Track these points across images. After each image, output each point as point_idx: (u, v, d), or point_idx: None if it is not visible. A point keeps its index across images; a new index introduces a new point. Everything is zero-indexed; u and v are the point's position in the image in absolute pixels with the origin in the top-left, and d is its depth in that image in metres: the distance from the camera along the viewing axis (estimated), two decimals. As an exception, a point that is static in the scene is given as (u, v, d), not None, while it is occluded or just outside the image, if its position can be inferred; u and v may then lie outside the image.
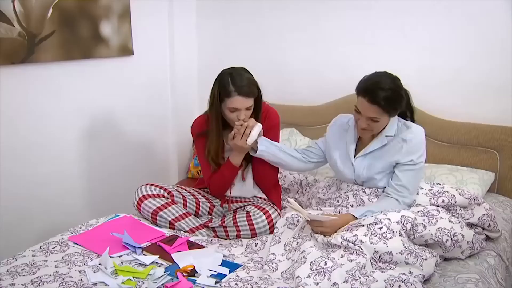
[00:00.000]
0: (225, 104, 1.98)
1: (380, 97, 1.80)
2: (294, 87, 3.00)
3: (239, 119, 1.98)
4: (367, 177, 1.98)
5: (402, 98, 1.88)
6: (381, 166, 1.95)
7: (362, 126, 1.89)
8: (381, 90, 1.80)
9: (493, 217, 1.93)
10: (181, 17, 3.15)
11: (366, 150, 1.99)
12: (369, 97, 1.82)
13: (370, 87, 1.83)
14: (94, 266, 1.74)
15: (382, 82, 1.83)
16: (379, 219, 1.72)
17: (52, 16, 2.38)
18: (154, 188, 2.14)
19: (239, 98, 1.95)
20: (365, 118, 1.87)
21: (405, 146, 1.90)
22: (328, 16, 2.83)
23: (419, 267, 1.64)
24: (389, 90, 1.82)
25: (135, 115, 2.99)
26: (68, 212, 2.65)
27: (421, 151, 1.92)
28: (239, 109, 1.97)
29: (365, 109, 1.85)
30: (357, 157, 2.01)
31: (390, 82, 1.84)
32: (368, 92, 1.82)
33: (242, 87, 1.94)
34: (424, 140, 1.95)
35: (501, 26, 2.37)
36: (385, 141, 1.95)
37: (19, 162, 2.38)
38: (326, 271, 1.59)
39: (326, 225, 1.81)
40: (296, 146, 2.77)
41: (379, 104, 1.81)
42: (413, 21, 2.59)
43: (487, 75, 2.46)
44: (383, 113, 1.84)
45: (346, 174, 2.04)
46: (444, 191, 1.92)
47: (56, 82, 2.50)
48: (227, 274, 1.71)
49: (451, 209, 1.90)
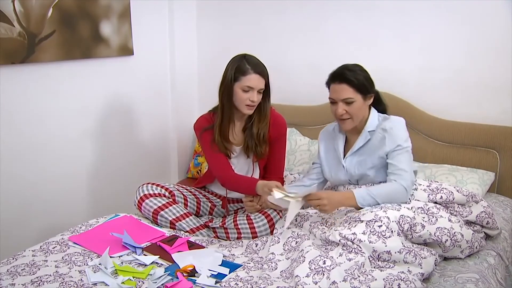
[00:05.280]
0: (240, 83, 2.01)
1: (347, 74, 1.92)
2: (294, 87, 3.00)
3: (251, 100, 2.00)
4: (360, 175, 2.00)
5: (369, 77, 1.97)
6: (370, 161, 1.97)
7: (340, 113, 1.93)
8: (347, 70, 1.94)
9: (491, 214, 1.93)
10: (181, 17, 3.15)
11: (353, 149, 2.02)
12: (338, 79, 1.93)
13: (337, 71, 1.97)
14: (94, 266, 1.74)
15: (347, 65, 1.97)
16: (379, 217, 1.72)
17: (52, 16, 2.38)
18: (155, 187, 2.14)
19: (255, 76, 2.00)
20: (340, 103, 1.93)
21: (387, 135, 1.93)
22: (328, 16, 2.83)
23: (418, 266, 1.64)
24: (355, 69, 1.95)
25: (135, 115, 2.99)
26: (68, 212, 2.65)
27: (405, 136, 1.95)
28: (253, 89, 2.00)
29: (337, 92, 1.93)
30: (346, 158, 2.04)
31: (353, 64, 1.98)
32: (336, 75, 1.95)
33: (257, 65, 2.02)
34: (404, 126, 1.97)
35: (501, 26, 2.37)
36: (368, 136, 1.99)
37: (19, 162, 2.38)
38: (325, 270, 1.60)
39: (323, 196, 1.82)
40: (296, 146, 2.77)
41: (349, 81, 1.91)
42: (413, 21, 2.59)
43: (487, 75, 2.46)
44: (355, 92, 1.92)
45: (339, 177, 2.06)
46: (442, 188, 1.92)
47: (56, 82, 2.50)
48: (227, 274, 1.71)
49: (449, 206, 1.89)
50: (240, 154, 2.17)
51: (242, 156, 2.17)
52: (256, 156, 2.14)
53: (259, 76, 2.01)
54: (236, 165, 2.19)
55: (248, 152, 2.14)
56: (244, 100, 2.01)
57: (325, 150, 2.15)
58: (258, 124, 2.10)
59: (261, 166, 2.20)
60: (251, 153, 2.14)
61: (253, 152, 2.13)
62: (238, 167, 2.19)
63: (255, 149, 2.11)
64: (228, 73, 2.04)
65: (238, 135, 2.16)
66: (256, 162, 2.18)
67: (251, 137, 2.11)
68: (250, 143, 2.11)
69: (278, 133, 2.16)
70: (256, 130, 2.09)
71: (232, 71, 2.02)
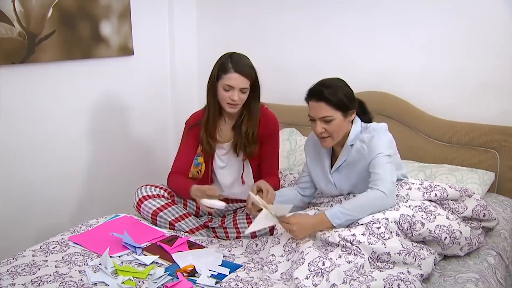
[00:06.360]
0: (221, 82, 1.99)
1: (325, 92, 1.83)
2: (294, 87, 2.98)
3: (231, 99, 1.98)
4: (350, 188, 1.96)
5: (350, 93, 1.89)
6: (357, 174, 1.92)
7: (319, 131, 1.87)
8: (324, 87, 1.85)
9: (485, 206, 1.92)
10: (181, 17, 3.15)
11: (337, 164, 1.97)
12: (315, 97, 1.85)
13: (314, 88, 1.88)
14: (94, 266, 1.74)
15: (325, 81, 1.89)
16: (377, 219, 1.72)
17: (52, 16, 2.38)
18: (154, 188, 2.14)
19: (235, 75, 1.97)
20: (319, 121, 1.86)
21: (365, 146, 1.88)
22: (328, 16, 2.83)
23: (417, 267, 1.64)
24: (334, 85, 1.86)
25: (135, 115, 2.99)
26: (68, 212, 2.65)
27: (386, 143, 1.87)
28: (234, 88, 1.98)
29: (315, 110, 1.86)
30: (332, 173, 1.99)
31: (333, 80, 1.90)
32: (313, 93, 1.87)
33: (239, 65, 1.99)
34: (385, 132, 1.90)
35: (501, 26, 2.37)
36: (350, 149, 1.93)
37: (19, 162, 2.38)
38: (324, 271, 1.59)
39: (292, 222, 1.75)
40: (296, 146, 2.77)
41: (326, 100, 1.83)
42: (413, 22, 2.59)
43: (487, 75, 2.45)
44: (333, 109, 1.84)
45: (329, 190, 2.02)
46: (435, 185, 1.91)
47: (56, 82, 2.50)
48: (227, 274, 1.71)
49: (444, 203, 1.89)
50: (229, 152, 2.17)
51: (231, 154, 2.16)
52: (246, 155, 2.13)
53: (240, 75, 1.97)
54: (227, 163, 2.19)
55: (237, 151, 2.13)
56: (226, 99, 2.00)
57: (311, 163, 2.08)
58: (247, 123, 2.09)
59: (254, 165, 2.19)
60: (240, 151, 2.13)
61: (242, 151, 2.12)
62: (228, 165, 2.19)
63: (244, 148, 2.10)
64: (213, 71, 2.04)
65: (227, 132, 2.15)
66: (246, 160, 2.16)
67: (239, 135, 2.10)
68: (239, 142, 2.10)
69: (269, 132, 2.15)
70: (245, 129, 2.08)
71: (216, 69, 2.03)
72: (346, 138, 1.93)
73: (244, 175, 2.18)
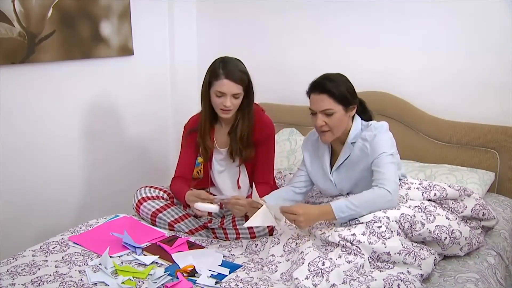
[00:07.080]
0: (213, 88, 1.99)
1: (328, 84, 1.85)
2: (294, 87, 2.97)
3: (224, 105, 1.98)
4: (350, 188, 1.96)
5: (352, 88, 1.90)
6: (358, 173, 1.91)
7: (319, 124, 1.87)
8: (327, 80, 1.87)
9: (484, 205, 1.92)
10: (181, 17, 3.15)
11: (338, 163, 1.96)
12: (317, 89, 1.86)
13: (317, 80, 1.90)
14: (94, 266, 1.74)
15: (327, 75, 1.90)
16: (378, 217, 1.72)
17: (52, 16, 2.38)
18: (153, 190, 2.14)
19: (226, 81, 1.96)
20: (320, 114, 1.86)
21: (368, 145, 1.87)
22: (328, 16, 2.83)
23: (417, 267, 1.64)
24: (337, 79, 1.88)
25: (135, 115, 2.99)
26: (68, 212, 2.65)
27: (389, 142, 1.87)
28: (225, 94, 1.97)
29: (316, 102, 1.87)
30: (332, 172, 1.98)
31: (336, 74, 1.91)
32: (315, 85, 1.88)
33: (230, 71, 1.97)
34: (387, 131, 1.91)
35: (501, 26, 2.37)
36: (351, 148, 1.92)
37: (19, 162, 2.39)
38: (324, 271, 1.59)
39: (299, 212, 1.74)
40: (296, 146, 2.77)
41: (329, 92, 1.84)
42: (413, 22, 2.59)
43: (487, 75, 2.45)
44: (336, 103, 1.84)
45: (329, 190, 2.01)
46: (434, 185, 1.91)
47: (56, 82, 2.50)
48: (227, 274, 1.71)
49: (443, 203, 1.89)
50: (226, 157, 2.17)
51: (228, 159, 2.16)
52: (241, 160, 2.13)
53: (231, 81, 1.96)
54: (225, 167, 2.19)
55: (234, 156, 2.13)
56: (218, 105, 2.00)
57: (310, 161, 2.06)
58: (241, 127, 2.08)
59: (249, 170, 2.19)
60: (236, 156, 2.12)
61: (238, 156, 2.12)
62: (226, 170, 2.20)
63: (240, 152, 2.10)
64: (205, 78, 2.04)
65: (224, 138, 2.15)
66: (242, 165, 2.16)
67: (235, 141, 2.10)
68: (234, 146, 2.10)
69: (264, 136, 2.13)
70: (239, 133, 2.08)
71: (207, 75, 2.02)
72: (347, 136, 1.93)
73: (239, 180, 2.18)
